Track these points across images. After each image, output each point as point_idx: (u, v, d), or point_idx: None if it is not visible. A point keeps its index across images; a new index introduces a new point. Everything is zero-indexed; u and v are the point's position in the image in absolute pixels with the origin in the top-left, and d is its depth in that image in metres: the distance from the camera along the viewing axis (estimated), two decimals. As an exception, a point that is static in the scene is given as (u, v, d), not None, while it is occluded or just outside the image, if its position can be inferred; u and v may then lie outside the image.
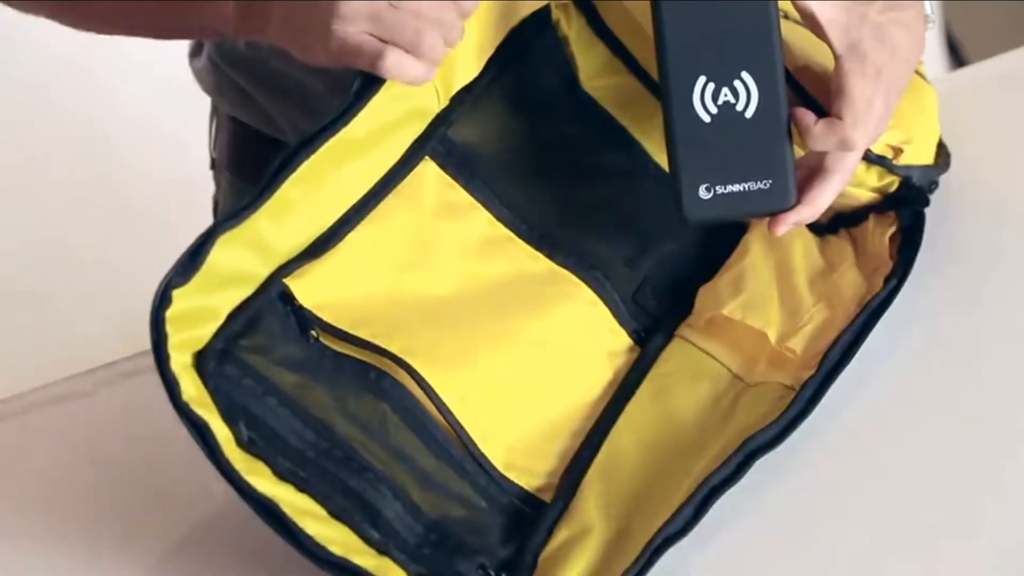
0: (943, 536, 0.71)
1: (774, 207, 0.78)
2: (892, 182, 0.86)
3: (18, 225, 2.27)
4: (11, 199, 2.30)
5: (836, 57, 0.78)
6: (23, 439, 0.84)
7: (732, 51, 0.75)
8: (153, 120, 2.21)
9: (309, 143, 0.72)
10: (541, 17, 0.86)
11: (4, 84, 2.35)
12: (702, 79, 0.76)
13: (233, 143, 1.05)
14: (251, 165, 1.03)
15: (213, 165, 1.09)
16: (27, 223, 2.28)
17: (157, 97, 2.04)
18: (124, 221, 2.26)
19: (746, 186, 0.77)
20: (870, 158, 0.85)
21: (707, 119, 0.76)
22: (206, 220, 1.11)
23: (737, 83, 0.76)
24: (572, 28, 0.88)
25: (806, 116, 0.77)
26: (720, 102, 0.76)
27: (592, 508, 0.73)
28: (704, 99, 0.76)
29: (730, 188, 0.77)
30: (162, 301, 0.66)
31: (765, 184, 0.77)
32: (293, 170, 0.71)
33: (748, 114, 0.76)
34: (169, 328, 0.66)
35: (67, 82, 2.35)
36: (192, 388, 0.67)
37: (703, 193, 0.77)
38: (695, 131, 0.76)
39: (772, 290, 0.83)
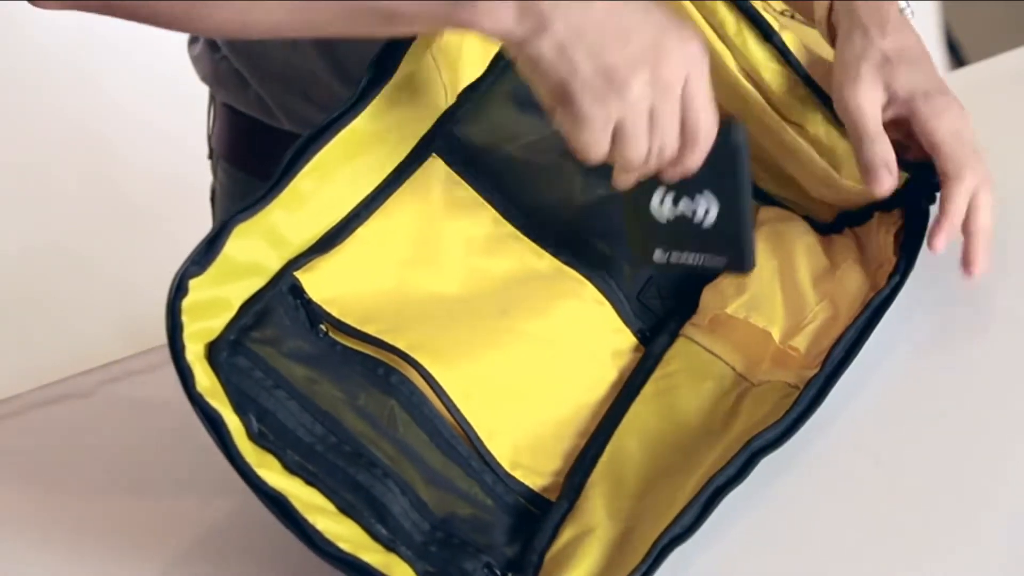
0: (948, 535, 0.70)
1: (731, 271, 0.78)
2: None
3: (17, 225, 2.27)
4: (11, 200, 2.30)
5: (913, 119, 0.80)
6: (23, 439, 0.84)
7: (698, 174, 0.73)
8: (152, 120, 2.21)
9: (319, 135, 0.72)
10: None
11: (4, 84, 2.34)
12: (661, 190, 0.76)
13: (229, 132, 1.05)
14: (248, 154, 1.03)
15: (211, 154, 1.09)
16: (26, 223, 2.28)
17: (157, 97, 2.05)
18: (123, 222, 2.26)
19: (703, 257, 0.77)
20: None
21: (663, 221, 0.77)
22: (205, 219, 1.12)
23: (699, 198, 0.75)
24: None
25: (939, 233, 0.80)
26: (679, 210, 0.76)
27: (597, 508, 0.73)
28: (663, 203, 0.76)
29: (685, 257, 0.77)
30: (179, 290, 0.66)
31: (721, 258, 0.77)
32: (306, 161, 0.71)
33: (706, 224, 0.76)
34: (184, 318, 0.66)
35: (67, 82, 2.35)
36: (205, 379, 0.67)
37: (658, 256, 0.77)
38: (651, 225, 0.77)
39: (776, 289, 0.83)
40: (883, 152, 0.81)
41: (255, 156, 0.75)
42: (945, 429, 0.77)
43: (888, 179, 0.81)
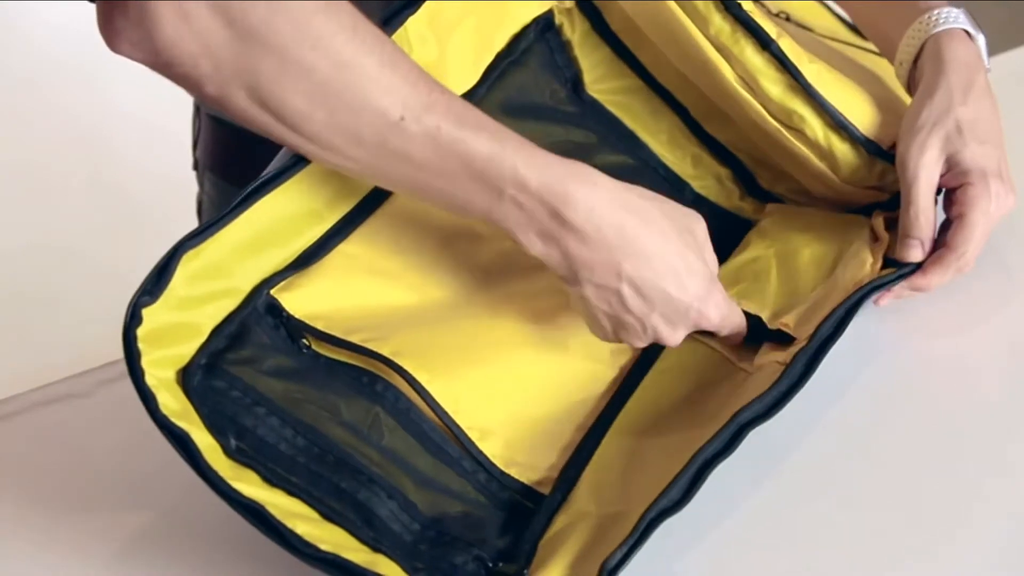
0: (941, 533, 0.71)
1: None
2: (896, 180, 0.85)
3: (17, 225, 2.27)
4: (11, 200, 2.30)
5: (961, 191, 0.82)
6: (23, 439, 0.84)
7: None
8: (154, 121, 2.21)
9: (293, 167, 0.72)
10: (544, 21, 0.86)
11: (4, 84, 2.35)
12: None
13: (215, 143, 1.05)
14: (233, 165, 1.03)
15: (196, 166, 1.09)
16: (26, 224, 2.28)
17: (157, 97, 2.05)
18: (123, 221, 2.27)
19: None
20: (870, 150, 0.85)
21: None
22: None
23: None
24: (576, 32, 0.88)
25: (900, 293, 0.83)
26: None
27: (590, 497, 0.73)
28: None
29: None
30: (132, 319, 0.67)
31: None
32: (275, 187, 0.72)
33: None
34: (143, 345, 0.67)
35: (67, 82, 2.35)
36: (173, 402, 0.67)
37: None
38: None
39: (772, 276, 0.83)
40: (925, 227, 0.82)
41: (243, 167, 0.75)
42: (938, 425, 0.77)
43: (919, 254, 0.82)
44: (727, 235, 0.89)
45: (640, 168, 0.88)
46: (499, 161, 0.68)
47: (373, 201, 0.78)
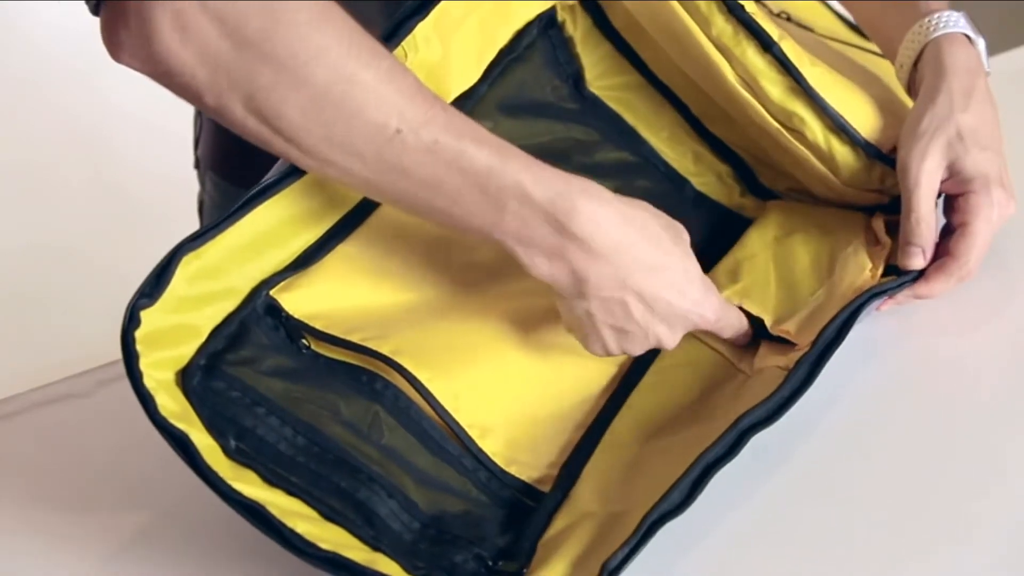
0: (941, 533, 0.71)
1: None
2: (896, 183, 0.85)
3: (17, 225, 2.27)
4: (11, 199, 2.30)
5: (963, 198, 0.82)
6: (23, 439, 0.84)
7: None
8: (154, 121, 2.21)
9: (295, 172, 0.72)
10: (547, 18, 0.87)
11: (5, 84, 2.34)
12: None
13: (216, 143, 1.05)
14: (235, 165, 1.03)
15: (197, 165, 1.09)
16: (26, 223, 2.28)
17: (159, 98, 2.04)
18: (123, 221, 2.26)
19: None
20: (871, 154, 0.85)
21: None
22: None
23: None
24: (578, 29, 0.88)
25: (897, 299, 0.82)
26: None
27: (591, 496, 0.73)
28: None
29: None
30: (130, 322, 0.67)
31: None
32: (276, 192, 0.72)
33: None
34: (141, 347, 0.67)
35: (67, 82, 2.35)
36: (172, 403, 0.68)
37: None
38: None
39: (771, 278, 0.83)
40: (927, 234, 0.82)
41: (244, 167, 0.75)
42: (938, 425, 0.77)
43: (920, 262, 0.82)
44: (727, 233, 0.89)
45: (641, 165, 0.88)
46: (501, 174, 0.68)
47: (372, 202, 0.78)
